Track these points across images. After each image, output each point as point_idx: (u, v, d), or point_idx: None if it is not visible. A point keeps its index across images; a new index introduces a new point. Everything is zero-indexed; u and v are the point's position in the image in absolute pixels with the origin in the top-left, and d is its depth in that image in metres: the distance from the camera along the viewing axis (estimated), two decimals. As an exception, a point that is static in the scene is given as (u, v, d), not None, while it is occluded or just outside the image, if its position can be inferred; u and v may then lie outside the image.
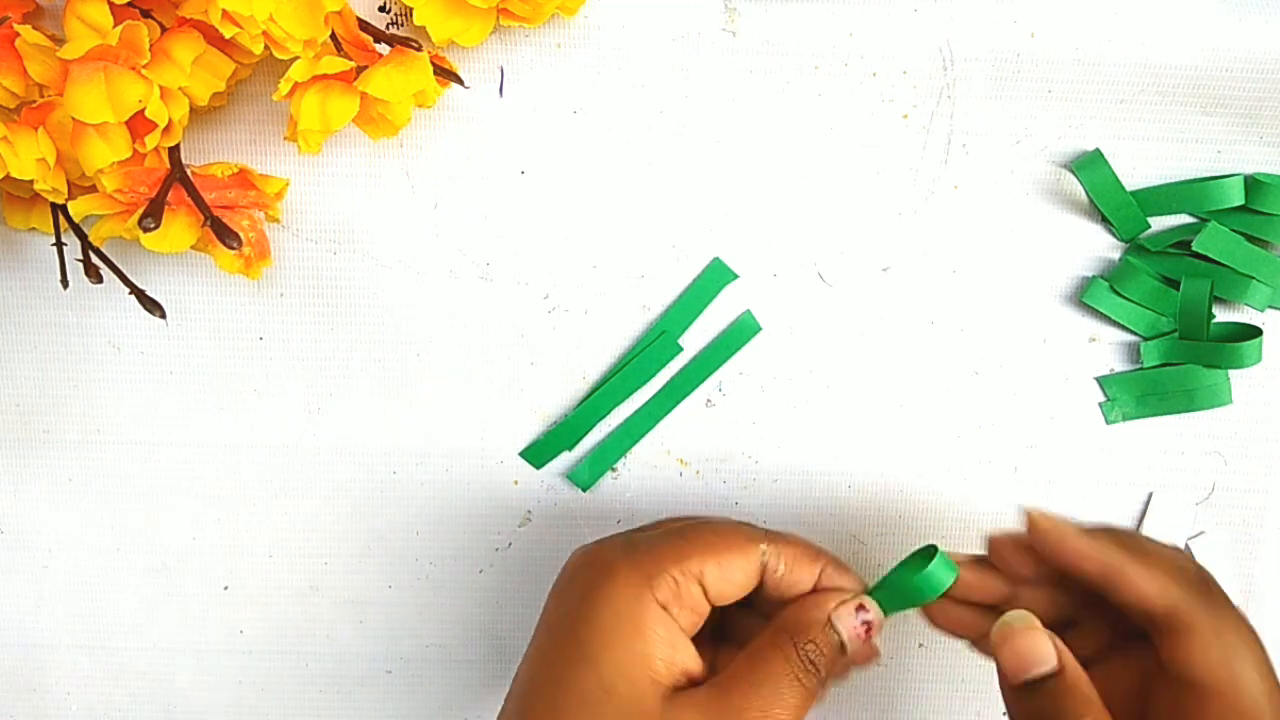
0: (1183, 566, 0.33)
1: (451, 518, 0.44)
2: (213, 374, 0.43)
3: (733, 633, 0.36)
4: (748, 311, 0.42)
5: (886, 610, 0.34)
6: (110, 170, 0.35)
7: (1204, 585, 0.32)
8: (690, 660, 0.32)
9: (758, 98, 0.40)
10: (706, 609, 0.33)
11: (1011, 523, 0.43)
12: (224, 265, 0.38)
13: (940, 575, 0.33)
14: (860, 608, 0.33)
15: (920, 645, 0.44)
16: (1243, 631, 0.31)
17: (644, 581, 0.32)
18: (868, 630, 0.33)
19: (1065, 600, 0.35)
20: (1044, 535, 0.33)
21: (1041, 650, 0.31)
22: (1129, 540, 0.33)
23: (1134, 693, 0.32)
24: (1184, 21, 0.39)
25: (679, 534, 0.33)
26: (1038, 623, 0.32)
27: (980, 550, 0.36)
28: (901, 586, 0.34)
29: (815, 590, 0.34)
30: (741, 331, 0.42)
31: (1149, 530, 0.43)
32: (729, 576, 0.33)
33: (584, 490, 0.43)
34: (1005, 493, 0.43)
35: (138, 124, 0.34)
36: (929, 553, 0.34)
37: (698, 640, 0.34)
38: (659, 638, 0.31)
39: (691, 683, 0.32)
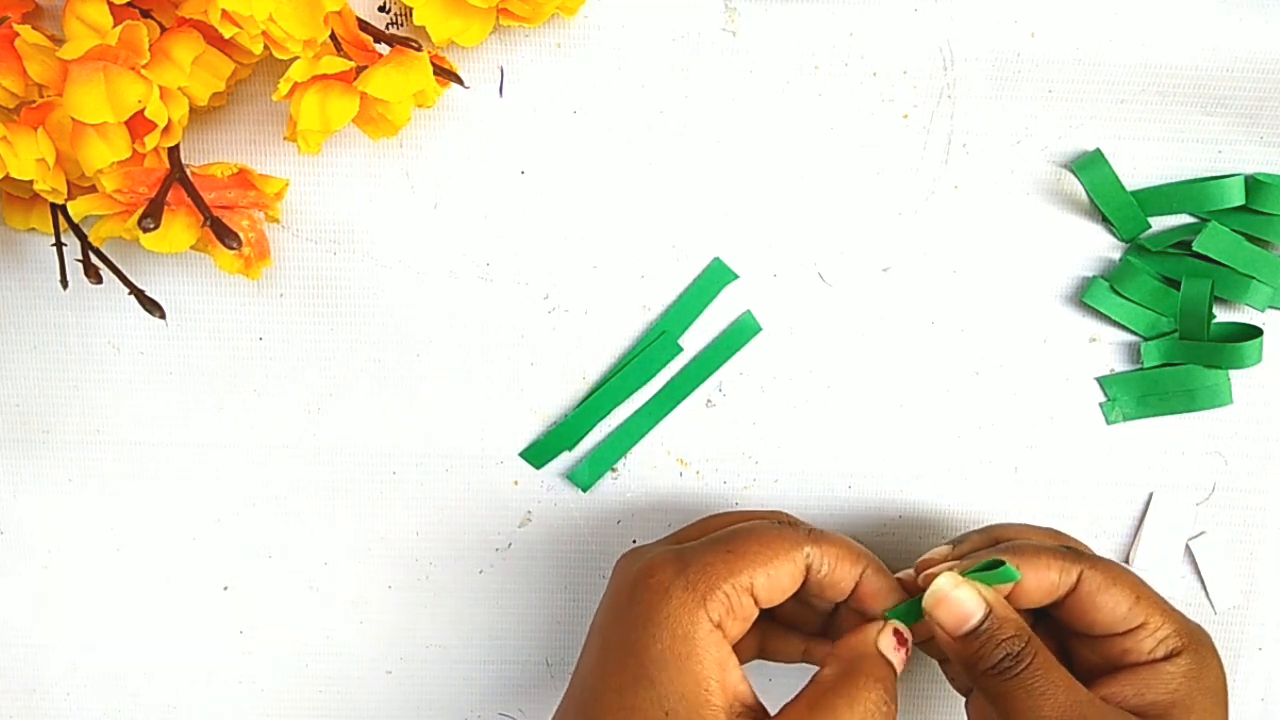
0: (1053, 547, 0.35)
1: (451, 518, 0.44)
2: (213, 374, 0.43)
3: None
4: (748, 312, 0.42)
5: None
6: (110, 170, 0.35)
7: (1079, 551, 0.35)
8: (740, 680, 0.33)
9: (758, 98, 0.40)
10: (755, 614, 0.34)
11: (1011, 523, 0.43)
12: (224, 265, 0.38)
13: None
14: (898, 633, 0.35)
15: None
16: (1127, 570, 0.35)
17: (699, 603, 0.33)
18: (905, 653, 0.35)
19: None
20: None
21: (971, 601, 0.33)
22: (1004, 553, 0.35)
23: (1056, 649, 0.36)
24: (1184, 21, 0.39)
25: (727, 546, 0.34)
26: (961, 579, 0.34)
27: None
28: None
29: (858, 610, 0.36)
30: (742, 332, 0.42)
31: (1149, 530, 0.43)
32: (778, 584, 0.34)
33: (584, 491, 0.43)
34: (1005, 493, 0.43)
35: (137, 124, 0.34)
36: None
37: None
38: (711, 660, 0.32)
39: (744, 707, 0.33)
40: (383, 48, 0.38)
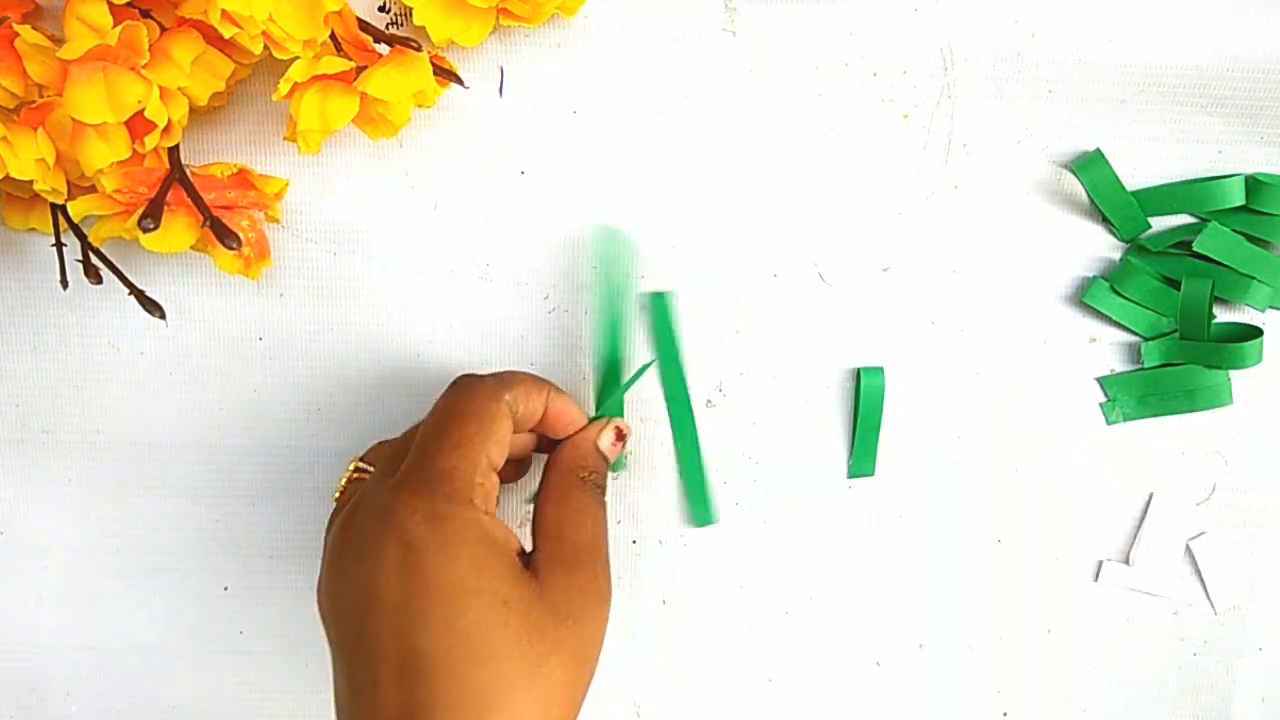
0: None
1: (451, 518, 0.44)
2: (212, 374, 0.43)
3: None
4: (662, 293, 0.42)
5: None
6: (110, 170, 0.35)
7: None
8: (510, 535, 0.34)
9: (758, 98, 0.40)
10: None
11: (1011, 523, 0.43)
12: (223, 266, 0.38)
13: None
14: (618, 429, 0.39)
15: (920, 646, 0.44)
16: None
17: (472, 512, 0.33)
18: (620, 440, 0.39)
19: None
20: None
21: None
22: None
23: None
24: (1185, 21, 0.39)
25: (454, 442, 0.34)
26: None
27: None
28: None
29: (571, 432, 0.38)
30: (663, 312, 0.42)
31: (1149, 530, 0.43)
32: (505, 444, 0.35)
33: (715, 523, 0.44)
34: (1006, 493, 0.43)
35: (137, 124, 0.34)
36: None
37: None
38: (501, 539, 0.33)
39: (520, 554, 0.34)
40: (383, 48, 0.38)
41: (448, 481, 0.33)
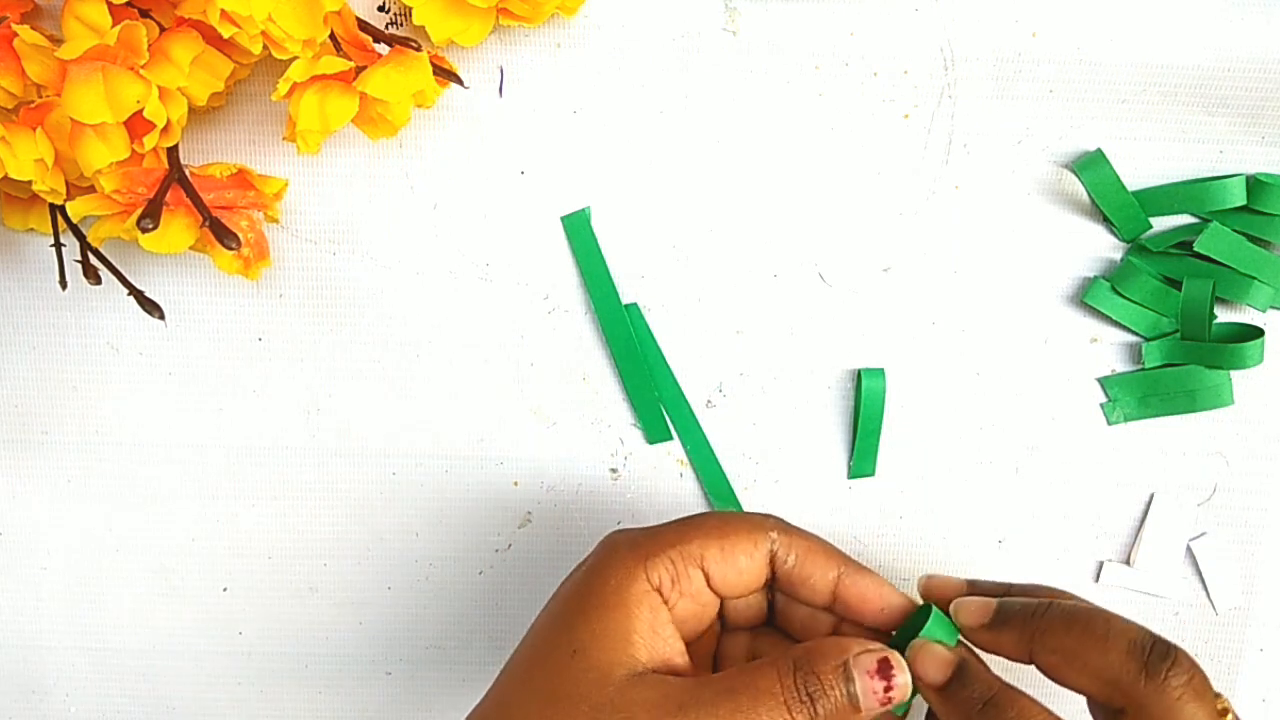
0: (1133, 643, 0.30)
1: (451, 519, 0.44)
2: (212, 375, 0.43)
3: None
4: (633, 305, 0.42)
5: None
6: (108, 171, 0.35)
7: (1155, 670, 0.29)
8: (674, 652, 0.31)
9: (758, 98, 0.40)
10: (711, 600, 0.32)
11: (1011, 523, 0.43)
12: (223, 266, 0.38)
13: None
14: (884, 661, 0.30)
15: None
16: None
17: (639, 561, 0.31)
18: (887, 689, 0.30)
19: None
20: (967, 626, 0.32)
21: (944, 653, 0.31)
22: (1067, 616, 0.31)
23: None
24: (1186, 21, 0.39)
25: (687, 520, 0.33)
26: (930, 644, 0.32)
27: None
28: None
29: (837, 630, 0.33)
30: (635, 316, 0.42)
31: (1150, 531, 0.43)
32: (732, 563, 0.31)
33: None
34: (1006, 494, 0.43)
35: (136, 124, 0.34)
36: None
37: (714, 652, 0.34)
38: (642, 618, 0.30)
39: (670, 669, 0.31)
40: (382, 48, 0.37)
41: (647, 536, 0.31)
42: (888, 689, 0.30)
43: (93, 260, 0.38)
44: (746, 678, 0.30)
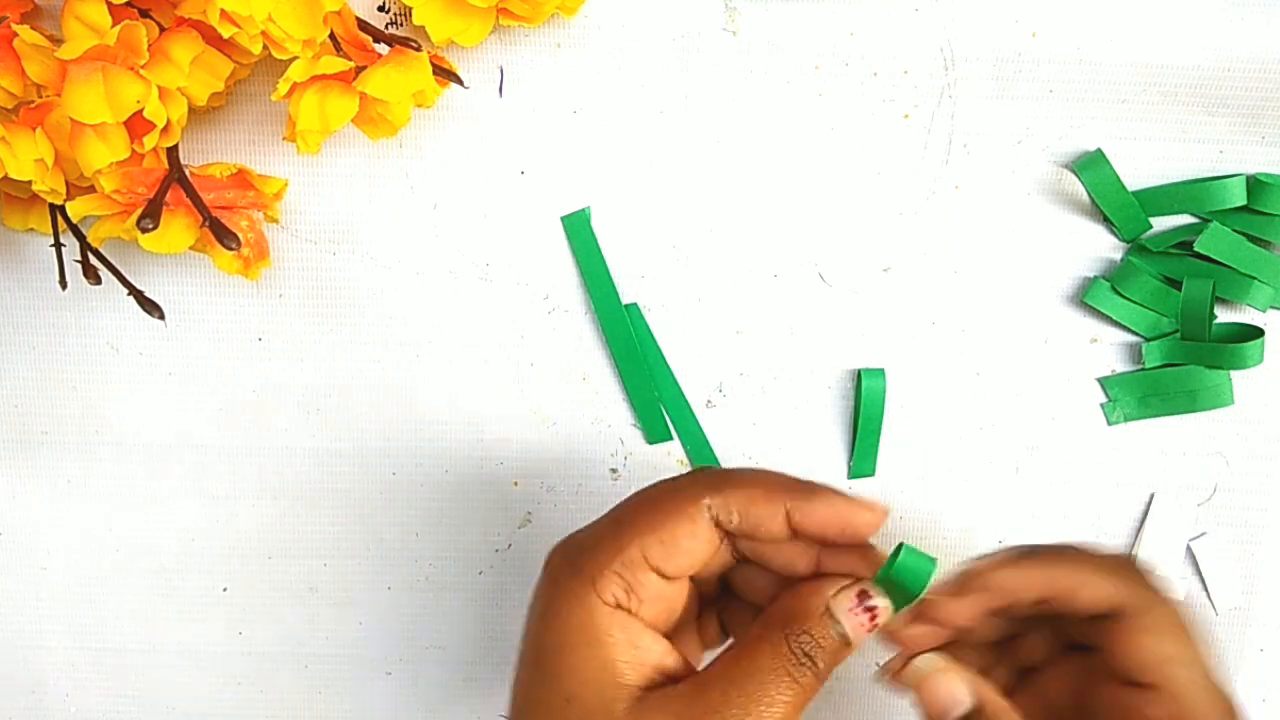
0: (1121, 565, 0.32)
1: (451, 519, 0.44)
2: (212, 375, 0.43)
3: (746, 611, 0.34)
4: (633, 305, 0.42)
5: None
6: (108, 171, 0.35)
7: (1145, 582, 0.31)
8: (662, 655, 0.30)
9: (758, 98, 0.40)
10: (674, 590, 0.31)
11: (1011, 523, 0.43)
12: (222, 266, 0.38)
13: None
14: (862, 593, 0.30)
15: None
16: (1183, 627, 0.31)
17: (588, 587, 0.30)
18: (872, 618, 0.30)
19: (1004, 621, 0.33)
20: (980, 585, 0.31)
21: (956, 692, 0.30)
22: (1057, 554, 0.32)
23: (1077, 694, 0.32)
24: (1186, 21, 0.39)
25: (615, 521, 0.31)
26: (949, 664, 0.31)
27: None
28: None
29: (813, 577, 0.31)
30: (632, 314, 0.42)
31: (1150, 531, 0.43)
32: (676, 548, 0.30)
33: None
34: (1006, 494, 0.43)
35: (136, 124, 0.34)
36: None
37: (702, 624, 0.33)
38: (617, 641, 0.29)
39: (669, 679, 0.30)
40: (382, 48, 0.37)
41: (585, 554, 0.30)
42: (872, 618, 0.30)
43: (93, 260, 0.38)
44: (744, 664, 0.29)
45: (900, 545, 0.31)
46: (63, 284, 0.39)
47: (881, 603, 0.30)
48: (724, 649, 0.31)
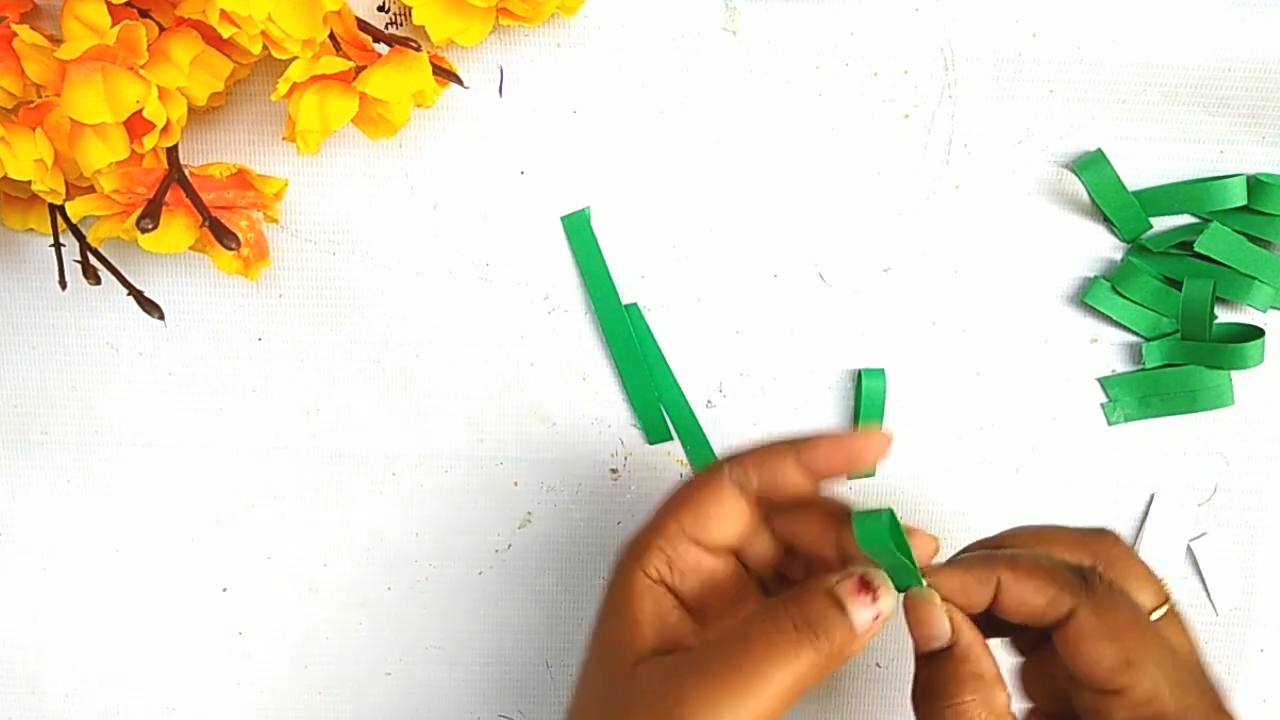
0: (1058, 570, 0.31)
1: (451, 519, 0.44)
2: (211, 375, 0.43)
3: None
4: (633, 305, 0.42)
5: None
6: (108, 171, 0.35)
7: (1087, 586, 0.31)
8: (688, 632, 0.32)
9: (758, 98, 0.40)
10: (716, 565, 0.33)
11: (1011, 523, 0.43)
12: (222, 266, 0.38)
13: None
14: (861, 579, 0.30)
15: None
16: (1136, 624, 0.31)
17: (635, 563, 0.32)
18: (874, 601, 0.30)
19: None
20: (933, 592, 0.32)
21: (938, 625, 0.31)
22: (1007, 562, 0.31)
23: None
24: (1187, 21, 0.39)
25: (660, 508, 0.34)
26: (936, 597, 0.31)
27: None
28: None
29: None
30: (633, 316, 0.42)
31: (1151, 531, 0.43)
32: (707, 517, 0.32)
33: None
34: (1006, 494, 0.43)
35: (136, 124, 0.34)
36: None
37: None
38: (645, 609, 0.32)
39: (684, 646, 0.32)
40: (382, 47, 0.37)
41: (637, 539, 0.33)
42: (874, 598, 0.30)
43: (92, 260, 0.38)
44: (743, 632, 0.30)
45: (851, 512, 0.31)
46: (62, 284, 0.39)
47: (881, 585, 0.30)
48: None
